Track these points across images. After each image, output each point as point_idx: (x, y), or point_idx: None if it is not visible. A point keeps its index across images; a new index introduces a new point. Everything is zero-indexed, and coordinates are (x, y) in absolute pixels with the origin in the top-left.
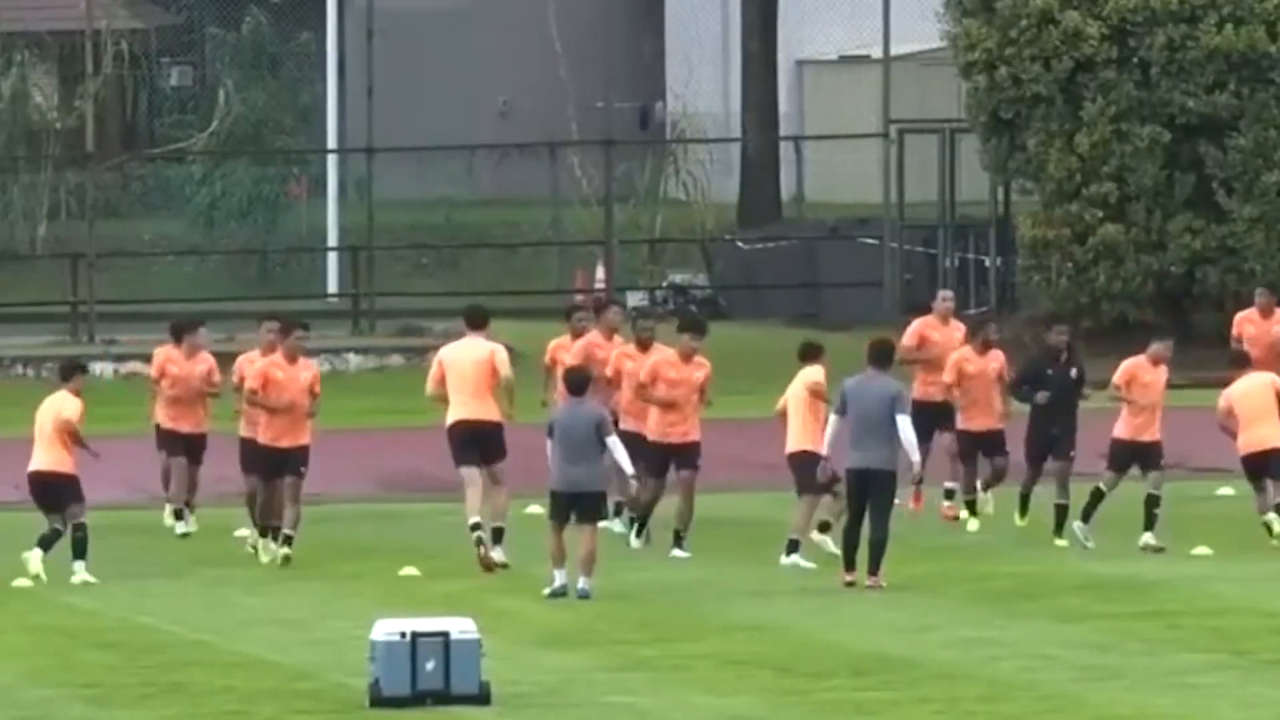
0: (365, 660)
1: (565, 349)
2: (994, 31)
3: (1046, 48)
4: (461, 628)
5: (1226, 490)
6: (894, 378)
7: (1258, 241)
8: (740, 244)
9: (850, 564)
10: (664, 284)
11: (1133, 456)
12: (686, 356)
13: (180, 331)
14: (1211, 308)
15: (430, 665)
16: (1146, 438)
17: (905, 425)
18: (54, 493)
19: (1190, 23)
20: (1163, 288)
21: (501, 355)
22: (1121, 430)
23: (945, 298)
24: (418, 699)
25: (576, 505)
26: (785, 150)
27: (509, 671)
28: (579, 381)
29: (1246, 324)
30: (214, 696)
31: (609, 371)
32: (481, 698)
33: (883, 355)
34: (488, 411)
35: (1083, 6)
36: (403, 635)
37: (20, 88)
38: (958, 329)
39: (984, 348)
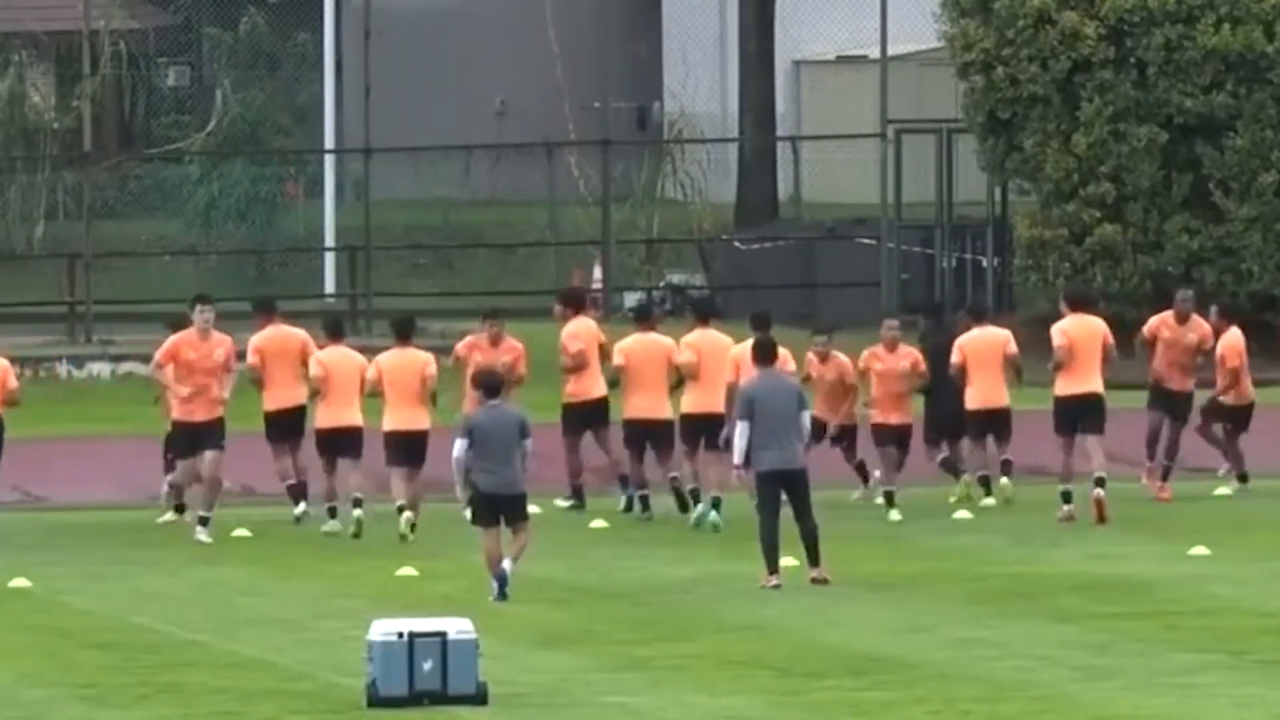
0: (362, 660)
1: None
2: (991, 32)
3: (1044, 48)
4: (459, 628)
5: (1223, 490)
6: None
7: (1255, 242)
8: (737, 244)
9: (774, 567)
10: (661, 284)
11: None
12: (891, 346)
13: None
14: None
15: (427, 665)
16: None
17: (808, 420)
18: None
19: (1187, 23)
20: (1160, 288)
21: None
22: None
23: (1183, 299)
24: (415, 699)
25: (504, 508)
26: (782, 150)
27: (506, 672)
28: (494, 384)
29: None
30: (210, 697)
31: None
32: (479, 698)
33: (770, 352)
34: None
35: (1080, 7)
36: (400, 635)
37: (18, 88)
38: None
39: (1182, 318)
